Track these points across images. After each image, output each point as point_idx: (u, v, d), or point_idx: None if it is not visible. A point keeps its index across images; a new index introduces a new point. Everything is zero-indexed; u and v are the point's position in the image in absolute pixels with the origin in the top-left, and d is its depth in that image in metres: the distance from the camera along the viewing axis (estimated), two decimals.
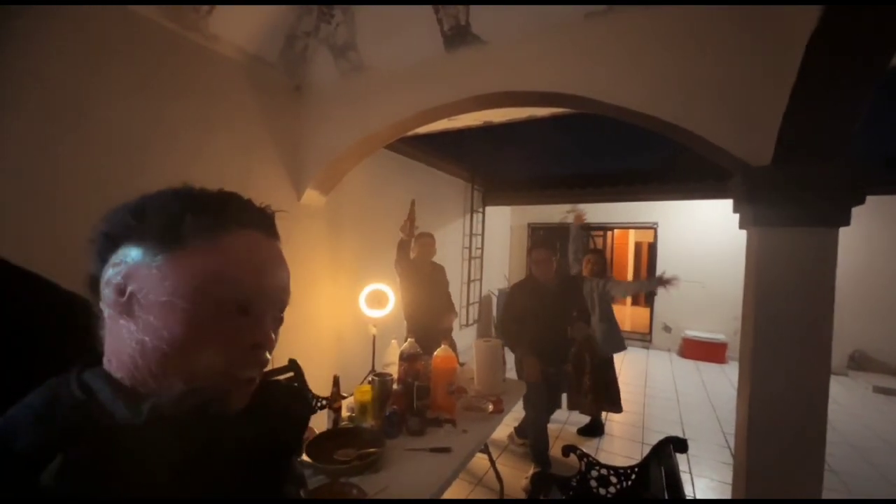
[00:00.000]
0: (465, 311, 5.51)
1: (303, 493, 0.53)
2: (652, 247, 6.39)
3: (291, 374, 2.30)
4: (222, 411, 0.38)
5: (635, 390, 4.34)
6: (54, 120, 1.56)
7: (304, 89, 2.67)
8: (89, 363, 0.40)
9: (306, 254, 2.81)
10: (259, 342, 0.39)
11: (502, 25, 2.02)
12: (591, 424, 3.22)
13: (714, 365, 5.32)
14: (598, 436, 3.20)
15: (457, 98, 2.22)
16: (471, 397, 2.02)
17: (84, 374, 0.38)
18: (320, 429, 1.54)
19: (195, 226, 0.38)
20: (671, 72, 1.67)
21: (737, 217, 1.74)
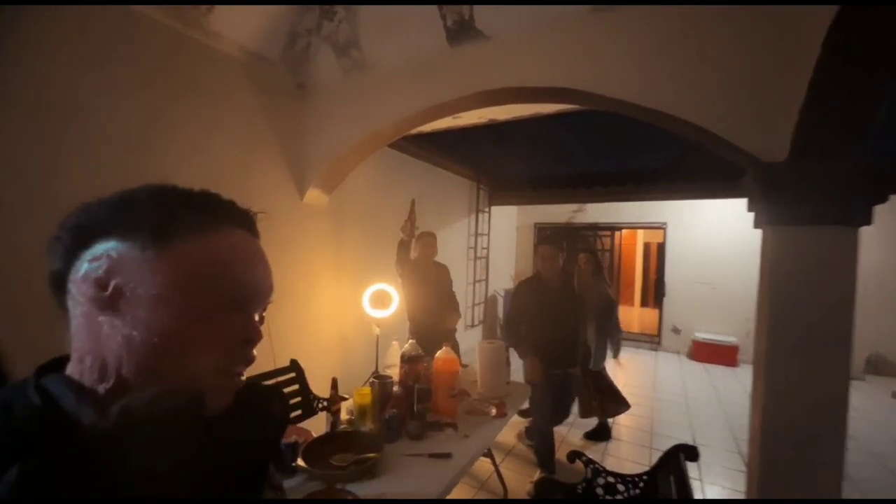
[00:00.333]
0: (469, 311, 5.46)
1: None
2: (661, 247, 6.29)
3: (293, 375, 2.28)
4: (198, 413, 0.36)
5: (644, 393, 4.26)
6: (53, 118, 1.54)
7: (306, 88, 2.65)
8: (47, 370, 0.38)
9: (309, 253, 2.78)
10: (250, 338, 0.39)
11: (507, 20, 1.97)
12: (598, 428, 3.16)
13: (725, 368, 5.21)
14: (605, 440, 3.14)
15: (460, 94, 2.17)
16: (473, 400, 1.97)
17: (43, 379, 0.36)
18: (319, 432, 1.51)
19: (188, 222, 0.38)
20: (681, 67, 1.61)
21: (749, 216, 1.68)
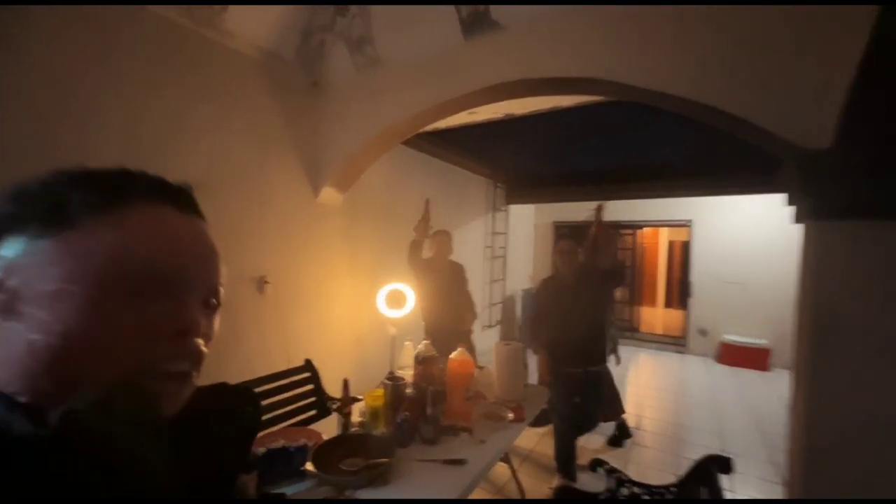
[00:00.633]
0: (486, 312, 5.38)
1: None
2: (686, 246, 6.06)
3: (307, 375, 2.26)
4: (157, 416, 0.32)
5: (669, 398, 4.09)
6: (67, 120, 1.55)
7: (320, 85, 2.63)
8: None
9: (324, 252, 2.77)
10: (183, 329, 0.33)
11: (523, 9, 1.90)
12: (617, 433, 3.03)
13: (755, 372, 4.96)
14: (626, 438, 3.00)
15: (475, 88, 2.11)
16: (490, 404, 1.91)
17: None
18: (331, 433, 1.47)
19: (86, 202, 0.32)
20: (710, 48, 1.50)
21: (782, 212, 1.56)
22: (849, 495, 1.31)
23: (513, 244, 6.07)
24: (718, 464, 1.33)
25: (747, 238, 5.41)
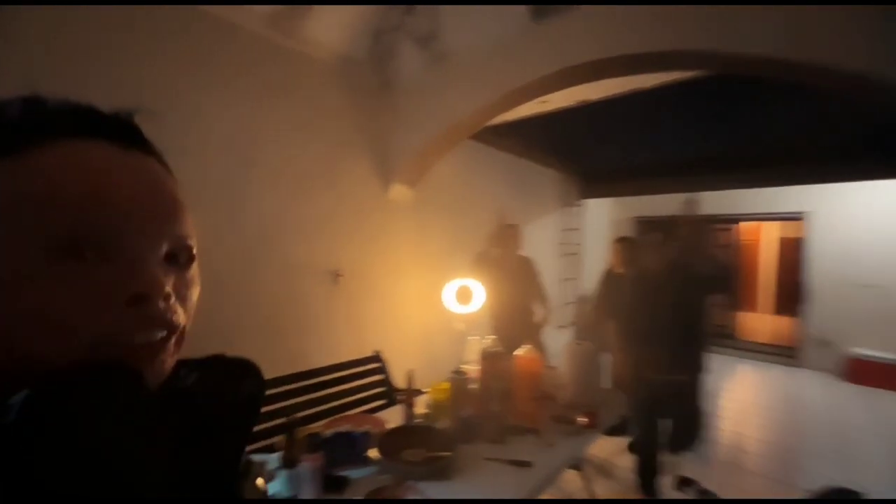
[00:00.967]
0: (559, 312, 5.14)
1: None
2: (799, 243, 5.22)
3: (377, 366, 2.33)
4: (135, 393, 0.26)
5: (778, 417, 3.55)
6: (172, 127, 1.75)
7: (390, 84, 2.70)
8: None
9: (393, 247, 2.84)
10: (140, 292, 0.27)
11: None
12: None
13: (893, 393, 4.11)
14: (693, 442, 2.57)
15: (547, 72, 2.01)
16: (560, 406, 1.79)
17: None
18: (393, 424, 1.49)
19: None
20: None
21: None
22: None
23: (588, 241, 5.74)
24: (845, 498, 1.10)
25: (883, 232, 4.50)
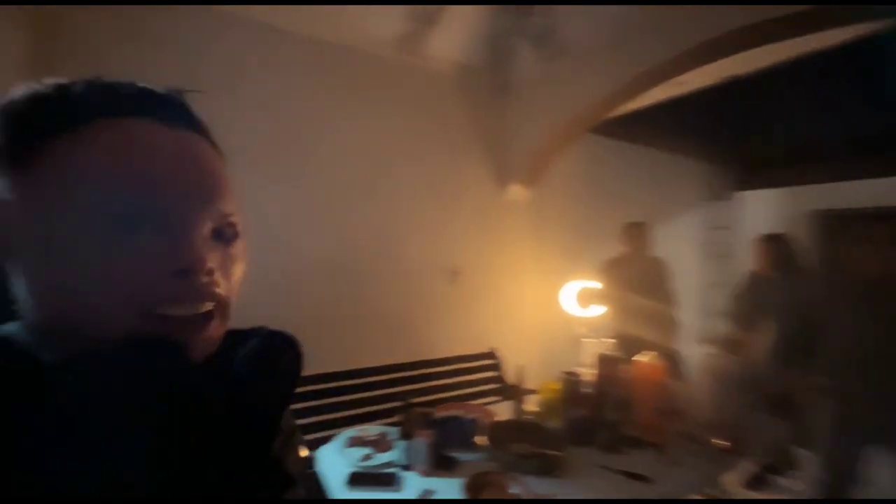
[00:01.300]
0: (702, 322, 4.46)
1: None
2: None
3: (492, 362, 2.39)
4: (179, 363, 0.28)
5: None
6: (293, 145, 2.05)
7: (507, 85, 2.74)
8: None
9: (510, 247, 2.86)
10: (184, 267, 0.28)
11: None
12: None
13: None
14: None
15: (678, 51, 1.81)
16: (694, 424, 1.59)
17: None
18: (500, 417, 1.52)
19: (41, 127, 0.28)
20: None
21: None
22: None
23: (741, 240, 4.86)
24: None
25: None
